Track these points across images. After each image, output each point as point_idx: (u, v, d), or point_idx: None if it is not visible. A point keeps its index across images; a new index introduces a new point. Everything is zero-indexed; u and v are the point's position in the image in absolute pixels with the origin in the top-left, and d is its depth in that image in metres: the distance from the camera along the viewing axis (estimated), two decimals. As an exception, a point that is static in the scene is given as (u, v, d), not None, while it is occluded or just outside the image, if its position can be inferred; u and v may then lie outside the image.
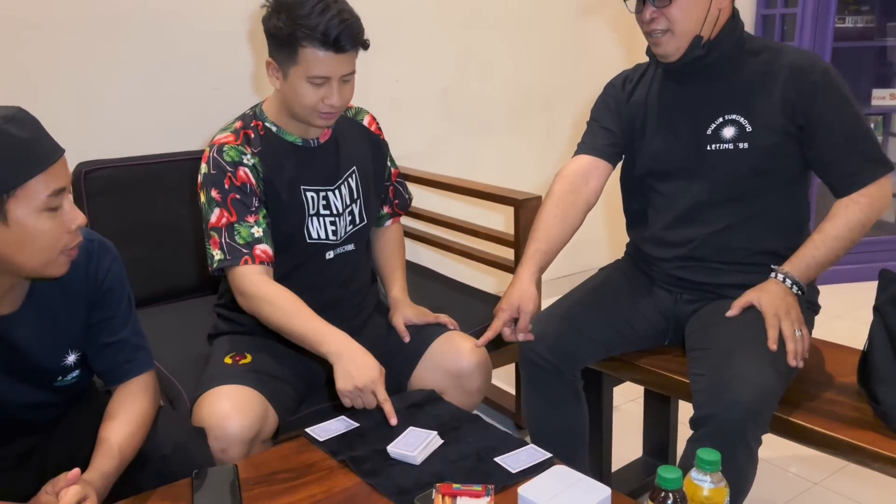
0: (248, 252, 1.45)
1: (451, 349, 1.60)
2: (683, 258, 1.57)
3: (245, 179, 1.48)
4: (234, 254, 1.45)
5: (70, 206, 1.09)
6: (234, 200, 1.47)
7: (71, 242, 1.09)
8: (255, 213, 1.48)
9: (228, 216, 1.46)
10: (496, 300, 2.09)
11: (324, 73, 1.41)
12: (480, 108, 2.97)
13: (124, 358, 1.25)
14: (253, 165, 1.49)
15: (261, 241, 1.47)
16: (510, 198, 2.08)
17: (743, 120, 1.49)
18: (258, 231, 1.47)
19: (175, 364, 1.72)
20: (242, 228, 1.46)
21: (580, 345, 1.56)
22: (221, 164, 1.47)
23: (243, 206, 1.47)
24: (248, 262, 1.45)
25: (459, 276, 2.44)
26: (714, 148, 1.51)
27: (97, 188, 1.99)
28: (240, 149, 1.49)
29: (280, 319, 1.43)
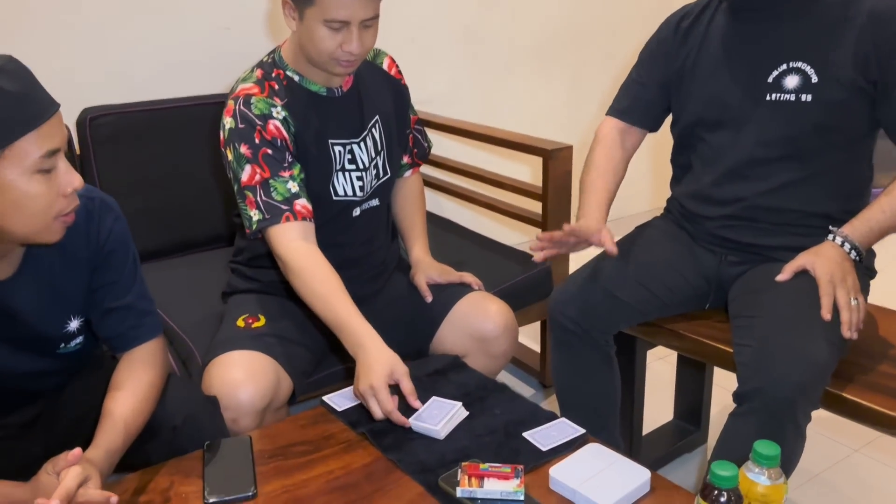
0: (289, 208, 1.35)
1: (476, 311, 1.52)
2: (731, 217, 1.46)
3: (276, 133, 1.37)
4: (274, 212, 1.35)
5: (65, 167, 1.00)
6: (265, 156, 1.36)
7: (66, 207, 1.01)
8: (290, 168, 1.38)
9: (262, 172, 1.36)
10: (523, 256, 2.02)
11: (342, 17, 1.30)
12: (505, 49, 2.81)
13: (130, 324, 1.18)
14: (284, 118, 1.38)
15: (299, 196, 1.37)
16: (539, 148, 1.97)
17: (809, 69, 1.35)
18: (295, 186, 1.37)
19: (188, 322, 1.66)
20: (278, 184, 1.36)
21: (613, 309, 1.46)
22: (250, 116, 1.36)
23: (276, 162, 1.36)
24: (290, 218, 1.35)
25: (483, 229, 2.34)
26: (773, 98, 1.38)
27: (103, 136, 1.90)
28: (269, 101, 1.38)
29: (309, 300, 1.33)
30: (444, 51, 2.67)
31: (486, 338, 1.50)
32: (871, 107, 1.34)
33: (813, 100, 1.35)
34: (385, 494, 1.06)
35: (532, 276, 1.93)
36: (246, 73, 1.44)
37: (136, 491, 1.07)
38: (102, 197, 1.16)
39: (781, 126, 1.38)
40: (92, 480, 0.94)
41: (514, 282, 1.89)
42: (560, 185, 1.98)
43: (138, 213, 1.95)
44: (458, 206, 2.74)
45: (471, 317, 1.52)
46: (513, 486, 1.02)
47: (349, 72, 1.40)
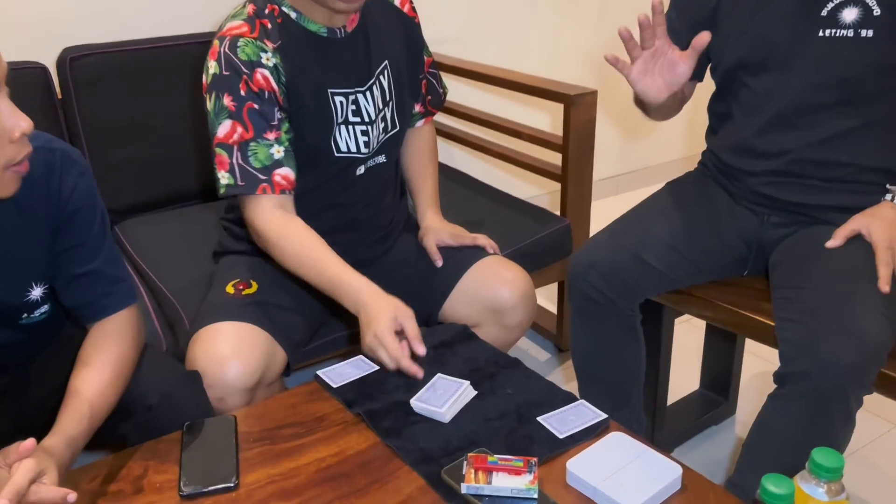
0: (266, 178, 1.21)
1: (491, 278, 1.39)
2: (775, 172, 1.30)
3: (264, 85, 1.21)
4: (249, 180, 1.21)
5: (9, 108, 0.87)
6: (251, 112, 1.20)
7: (16, 155, 0.88)
8: (277, 129, 1.22)
9: (243, 131, 1.21)
10: (541, 213, 1.87)
11: None
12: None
13: (99, 292, 1.06)
14: (274, 66, 1.22)
15: (281, 164, 1.22)
16: (560, 93, 1.80)
17: (871, 0, 1.17)
18: (279, 151, 1.22)
19: (177, 283, 1.55)
20: (260, 148, 1.21)
21: (641, 275, 1.33)
22: (236, 63, 1.20)
23: (262, 120, 1.21)
24: (267, 190, 1.21)
25: (498, 182, 2.19)
26: (828, 34, 1.21)
27: (86, 78, 1.76)
28: (258, 44, 1.21)
29: (296, 268, 1.22)
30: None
31: (501, 307, 1.37)
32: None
33: (875, 36, 1.18)
34: (381, 487, 0.95)
35: (551, 235, 1.79)
36: (237, 9, 1.28)
37: (105, 478, 0.97)
38: (65, 148, 1.02)
39: (836, 67, 1.21)
40: (47, 475, 0.84)
41: (531, 241, 1.76)
42: (583, 135, 1.82)
43: (125, 162, 1.83)
44: (470, 156, 2.58)
45: (484, 284, 1.39)
46: (525, 482, 0.90)
47: (353, 7, 1.24)
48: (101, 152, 1.80)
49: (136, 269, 1.66)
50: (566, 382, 1.90)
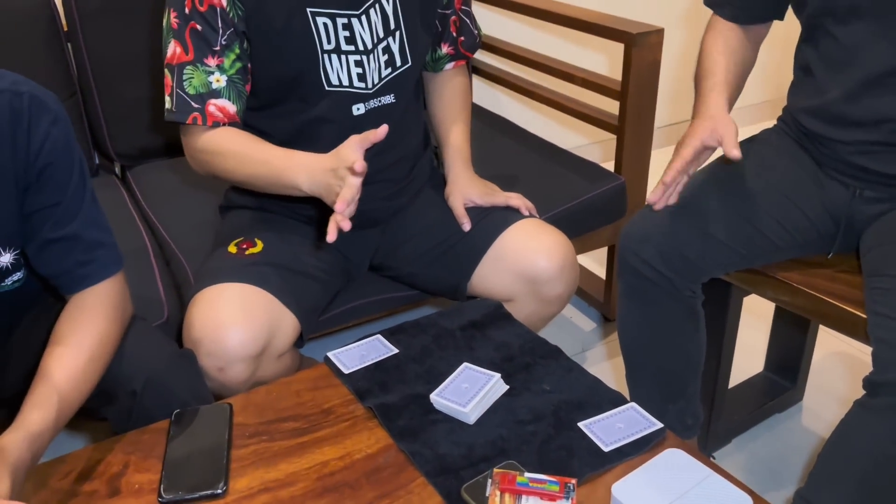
0: (199, 108, 1.10)
1: (527, 244, 1.22)
2: (869, 143, 1.09)
3: (212, 2, 1.08)
4: (182, 107, 1.11)
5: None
6: (193, 32, 1.09)
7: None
8: (219, 55, 1.10)
9: (182, 53, 1.10)
10: (591, 168, 1.69)
11: None
12: None
13: (77, 259, 0.93)
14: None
15: (218, 95, 1.11)
16: (620, 31, 1.58)
17: None
18: (219, 80, 1.11)
19: (187, 239, 1.43)
20: (197, 73, 1.10)
21: (706, 250, 1.15)
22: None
23: (203, 43, 1.09)
24: (198, 120, 1.11)
25: (544, 131, 2.00)
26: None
27: (94, 7, 1.61)
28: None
29: (244, 179, 1.13)
30: None
31: (538, 278, 1.21)
32: None
33: None
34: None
35: (603, 195, 1.61)
36: None
37: (80, 475, 0.86)
38: (35, 92, 0.88)
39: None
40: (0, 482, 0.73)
41: (579, 201, 1.57)
42: (645, 80, 1.61)
43: (138, 102, 1.70)
44: (513, 100, 2.38)
45: (519, 251, 1.22)
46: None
47: None
48: (112, 91, 1.67)
49: (146, 221, 1.55)
50: (611, 358, 1.75)
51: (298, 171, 1.06)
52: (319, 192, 1.04)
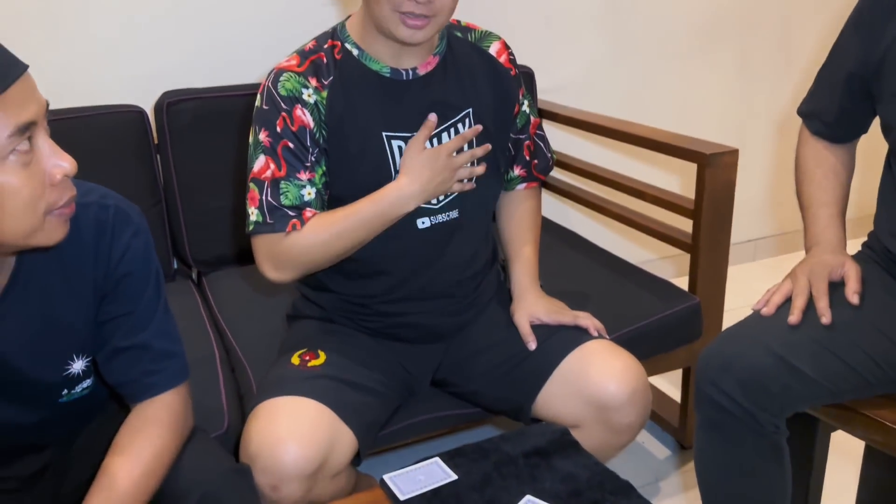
0: (296, 215, 1.14)
1: (595, 367, 1.19)
2: None
3: (303, 122, 1.15)
4: (279, 218, 1.14)
5: (50, 147, 0.79)
6: (285, 150, 1.15)
7: (59, 199, 0.80)
8: (311, 169, 1.16)
9: (275, 169, 1.15)
10: (664, 286, 1.65)
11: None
12: (654, 30, 2.41)
13: (144, 368, 0.95)
14: (315, 103, 1.15)
15: (310, 206, 1.15)
16: (694, 151, 1.59)
17: None
18: (310, 193, 1.16)
19: (253, 347, 1.45)
20: (291, 187, 1.15)
21: (790, 384, 1.08)
22: (275, 97, 1.15)
23: (296, 159, 1.15)
24: (297, 226, 1.14)
25: (616, 247, 1.99)
26: None
27: (182, 123, 1.72)
28: (301, 79, 1.15)
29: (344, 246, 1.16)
30: (580, 31, 2.31)
31: (607, 405, 1.17)
32: None
33: None
34: None
35: (676, 315, 1.56)
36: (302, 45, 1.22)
37: None
38: (119, 204, 0.94)
39: None
40: None
41: (651, 320, 1.53)
42: (719, 199, 1.59)
43: (217, 211, 1.78)
44: (585, 216, 2.38)
45: (587, 375, 1.19)
46: None
47: (417, 37, 1.12)
48: (193, 200, 1.76)
49: (217, 327, 1.59)
50: (687, 490, 1.64)
51: (406, 202, 1.15)
52: (438, 192, 1.17)
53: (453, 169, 1.18)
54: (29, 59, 0.78)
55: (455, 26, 1.30)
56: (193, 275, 1.88)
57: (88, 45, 1.78)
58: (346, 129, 1.16)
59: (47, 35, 1.74)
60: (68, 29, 1.75)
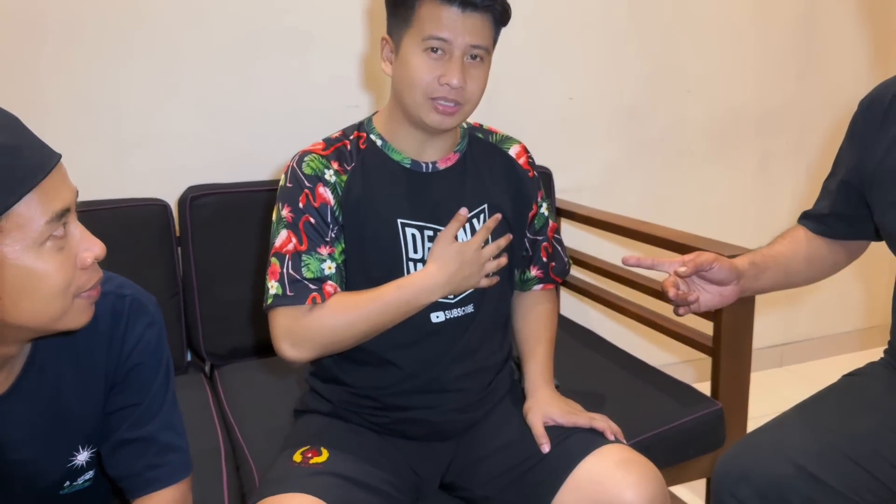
0: (317, 289, 1.16)
1: (611, 473, 1.16)
2: None
3: (325, 199, 1.20)
4: (299, 290, 1.16)
5: (81, 233, 0.83)
6: (307, 224, 1.19)
7: (88, 282, 0.84)
8: (330, 245, 1.19)
9: (297, 243, 1.18)
10: (687, 392, 1.62)
11: (444, 35, 1.14)
12: (675, 132, 2.48)
13: (147, 462, 0.96)
14: (334, 184, 1.21)
15: (330, 279, 1.18)
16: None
17: None
18: (330, 267, 1.18)
19: (260, 442, 1.44)
20: (312, 260, 1.18)
21: (811, 494, 1.06)
22: (299, 176, 1.20)
23: (317, 234, 1.19)
24: (317, 300, 1.16)
25: (635, 349, 1.98)
26: None
27: (204, 217, 1.79)
28: (324, 161, 1.22)
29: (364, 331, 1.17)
30: (600, 134, 2.39)
31: (624, 515, 1.14)
32: None
33: None
34: None
35: (697, 421, 1.54)
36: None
37: None
38: (137, 294, 0.97)
39: None
40: None
41: (671, 426, 1.51)
42: (739, 302, 1.57)
43: (233, 304, 1.81)
44: (605, 316, 2.39)
45: (603, 481, 1.16)
46: None
47: (447, 123, 1.18)
48: (211, 292, 1.80)
49: (225, 422, 1.59)
50: None
51: (431, 291, 1.17)
52: (463, 286, 1.20)
53: (481, 263, 1.21)
54: (60, 150, 0.83)
55: (477, 128, 1.36)
56: (206, 368, 1.89)
57: (117, 140, 1.87)
58: (361, 212, 1.21)
59: (77, 128, 1.84)
60: (99, 123, 1.85)
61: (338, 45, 2.06)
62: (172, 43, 1.89)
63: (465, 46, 1.15)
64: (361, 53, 2.09)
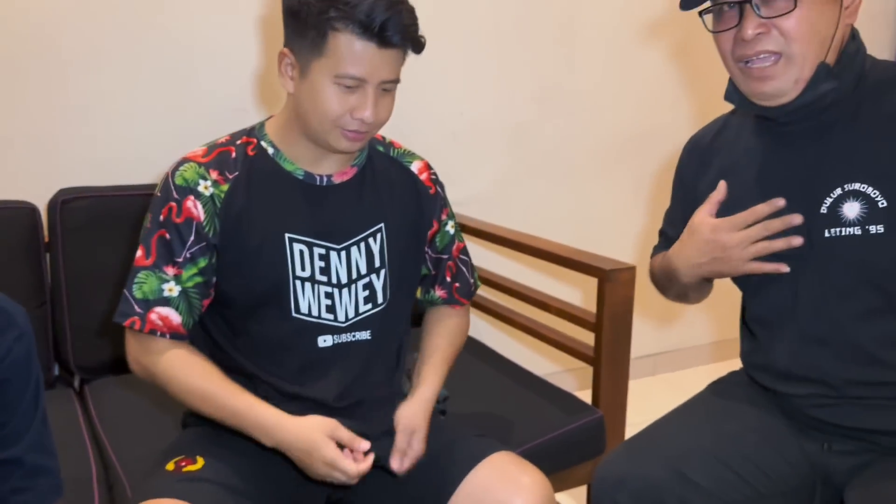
0: (141, 313, 1.13)
1: (502, 482, 1.18)
2: (820, 395, 1.13)
3: (191, 214, 1.14)
4: (124, 309, 1.14)
5: None
6: (160, 240, 1.14)
7: None
8: (180, 266, 1.14)
9: (143, 256, 1.15)
10: (570, 400, 1.67)
11: (359, 73, 1.09)
12: (558, 151, 2.58)
13: (14, 485, 0.90)
14: (210, 196, 1.15)
15: (166, 304, 1.14)
16: (594, 266, 1.68)
17: (871, 191, 1.05)
18: (172, 289, 1.14)
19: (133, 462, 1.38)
20: (150, 279, 1.14)
21: (684, 495, 1.12)
22: (170, 186, 1.16)
23: (167, 251, 1.14)
24: (136, 325, 1.13)
25: (522, 359, 2.04)
26: (833, 234, 1.08)
27: (75, 222, 1.70)
28: (201, 170, 1.16)
29: (195, 403, 1.14)
30: (490, 145, 2.45)
31: (515, 522, 1.17)
32: None
33: (886, 231, 1.04)
34: None
35: (579, 429, 1.60)
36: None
37: None
38: (4, 304, 0.91)
39: (853, 271, 1.07)
40: None
41: (555, 434, 1.56)
42: (618, 313, 1.67)
43: (104, 315, 1.72)
44: (492, 327, 2.44)
45: (493, 489, 1.18)
46: None
47: (355, 147, 1.17)
48: (81, 302, 1.71)
49: (96, 440, 1.51)
50: None
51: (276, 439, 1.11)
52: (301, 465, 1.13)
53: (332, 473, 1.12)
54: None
55: (379, 141, 1.33)
56: (76, 382, 1.79)
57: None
58: (244, 224, 1.16)
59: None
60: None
61: (224, 47, 2.01)
62: (48, 42, 1.78)
63: (381, 81, 1.12)
64: (248, 56, 2.05)
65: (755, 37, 1.04)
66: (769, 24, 1.03)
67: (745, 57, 1.06)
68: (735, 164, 1.20)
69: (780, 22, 1.02)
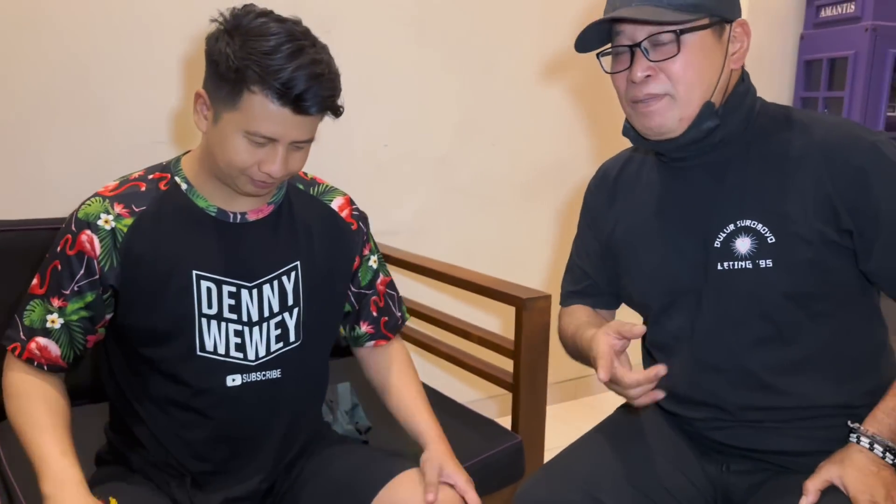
0: (24, 340, 1.15)
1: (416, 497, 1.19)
2: (716, 419, 1.20)
3: (83, 248, 1.13)
4: (11, 333, 1.15)
5: None
6: (53, 270, 1.15)
7: None
8: (65, 299, 1.14)
9: (37, 284, 1.16)
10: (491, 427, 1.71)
11: (270, 133, 1.09)
12: (479, 182, 2.65)
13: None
14: (111, 230, 1.14)
15: (47, 335, 1.14)
16: (511, 295, 1.73)
17: (761, 227, 1.13)
18: (54, 321, 1.14)
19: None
20: (38, 309, 1.14)
21: (598, 517, 1.17)
22: (72, 219, 1.16)
23: (56, 283, 1.14)
24: (17, 350, 1.13)
25: (444, 386, 2.06)
26: (726, 267, 1.16)
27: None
28: (105, 203, 1.16)
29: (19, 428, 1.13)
30: (414, 176, 2.49)
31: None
32: (854, 261, 1.12)
33: (775, 264, 1.12)
34: None
35: (499, 455, 1.64)
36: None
37: None
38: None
39: (745, 302, 1.14)
40: None
41: (476, 460, 1.59)
42: (535, 341, 1.73)
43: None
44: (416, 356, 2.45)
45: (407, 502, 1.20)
46: None
47: (262, 193, 1.18)
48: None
49: (3, 482, 1.45)
50: None
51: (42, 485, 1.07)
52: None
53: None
54: None
55: (301, 178, 1.32)
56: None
57: None
58: (147, 259, 1.15)
59: None
60: None
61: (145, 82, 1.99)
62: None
63: (293, 142, 1.11)
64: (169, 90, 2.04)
65: (644, 79, 1.11)
66: (656, 68, 1.11)
67: (636, 97, 1.13)
68: (637, 198, 1.27)
69: (667, 66, 1.10)
